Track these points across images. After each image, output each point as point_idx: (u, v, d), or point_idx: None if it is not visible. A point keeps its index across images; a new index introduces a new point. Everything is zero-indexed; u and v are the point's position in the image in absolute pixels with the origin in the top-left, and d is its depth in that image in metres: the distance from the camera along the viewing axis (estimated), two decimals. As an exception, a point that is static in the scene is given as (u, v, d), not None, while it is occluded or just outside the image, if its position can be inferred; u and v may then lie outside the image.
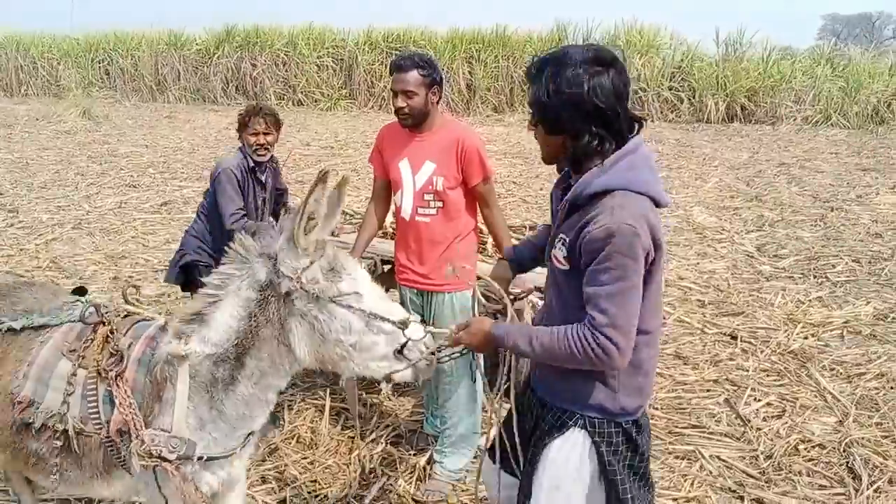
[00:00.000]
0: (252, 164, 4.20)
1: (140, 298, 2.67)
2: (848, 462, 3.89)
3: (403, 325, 2.22)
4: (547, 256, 2.25)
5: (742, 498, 3.60)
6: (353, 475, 3.73)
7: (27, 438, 2.39)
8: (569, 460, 2.17)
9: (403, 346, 2.25)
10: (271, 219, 4.45)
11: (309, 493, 3.58)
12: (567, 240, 2.07)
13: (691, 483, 3.70)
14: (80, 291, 2.75)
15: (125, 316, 2.52)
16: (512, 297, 2.64)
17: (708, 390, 4.67)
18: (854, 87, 17.26)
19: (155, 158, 12.15)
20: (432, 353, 2.30)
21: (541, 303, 3.67)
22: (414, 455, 3.91)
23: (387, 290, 3.22)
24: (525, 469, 2.29)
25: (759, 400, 4.55)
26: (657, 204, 2.04)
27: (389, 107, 18.70)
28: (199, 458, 2.28)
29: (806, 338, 5.49)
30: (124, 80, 21.33)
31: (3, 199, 9.21)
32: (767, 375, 4.90)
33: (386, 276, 4.28)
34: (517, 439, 2.34)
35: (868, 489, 3.64)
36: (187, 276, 4.29)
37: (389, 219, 4.61)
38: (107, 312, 2.47)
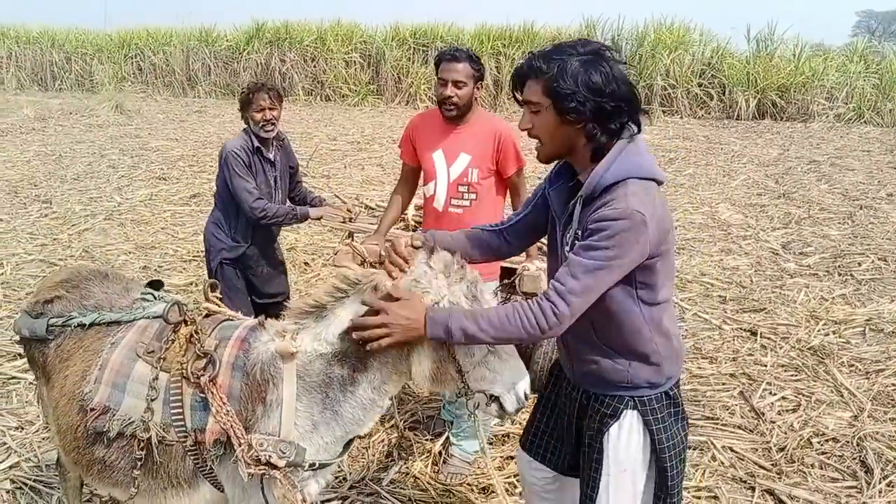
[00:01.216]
0: (257, 145, 4.14)
1: (220, 295, 2.59)
2: (861, 456, 3.90)
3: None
4: (561, 258, 2.26)
5: (753, 489, 3.63)
6: (371, 458, 3.82)
7: (97, 446, 2.28)
8: (630, 443, 2.26)
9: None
10: (289, 202, 4.51)
11: (327, 475, 3.67)
12: (581, 234, 2.10)
13: (703, 473, 3.73)
14: (156, 284, 2.65)
15: (206, 315, 2.40)
16: None
17: (724, 384, 4.69)
18: (888, 85, 16.99)
19: (185, 152, 12.35)
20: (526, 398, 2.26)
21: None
22: (430, 440, 3.99)
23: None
24: (584, 462, 2.36)
25: (775, 394, 4.56)
26: (658, 182, 2.12)
27: (416, 102, 19.01)
28: (312, 466, 2.18)
29: (827, 335, 5.47)
30: (156, 76, 21.65)
31: (37, 191, 9.45)
32: (785, 370, 4.90)
33: None
34: (547, 429, 2.55)
35: (880, 482, 3.65)
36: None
37: (411, 211, 4.71)
38: (189, 311, 2.34)
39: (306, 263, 6.95)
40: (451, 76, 3.40)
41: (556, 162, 2.30)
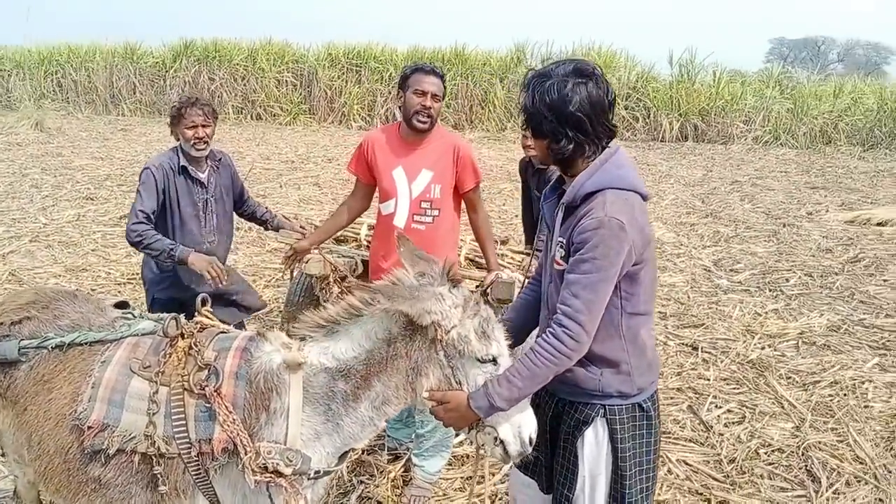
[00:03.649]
0: (183, 163, 3.88)
1: (211, 309, 2.59)
2: (807, 465, 4.04)
3: None
4: (547, 265, 2.37)
5: (709, 500, 3.71)
6: (331, 483, 3.74)
7: (91, 465, 2.23)
8: (601, 450, 2.33)
9: None
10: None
11: (284, 502, 3.57)
12: (563, 241, 2.21)
13: (661, 486, 3.79)
14: (122, 305, 2.59)
15: (201, 329, 2.41)
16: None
17: (672, 398, 4.80)
18: (801, 109, 17.90)
19: (112, 171, 11.97)
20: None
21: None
22: (390, 462, 3.94)
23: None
24: (560, 463, 2.41)
25: (720, 407, 4.69)
26: (643, 198, 2.21)
27: (349, 122, 18.96)
28: (317, 473, 2.21)
29: (763, 348, 5.67)
30: (77, 93, 20.98)
31: (-45, 211, 8.98)
32: (727, 384, 5.06)
33: (362, 276, 4.35)
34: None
35: (827, 491, 3.79)
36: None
37: (364, 231, 4.68)
38: (185, 325, 2.35)
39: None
40: (429, 88, 3.39)
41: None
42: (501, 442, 2.23)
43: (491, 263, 3.75)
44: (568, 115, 2.13)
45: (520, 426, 2.22)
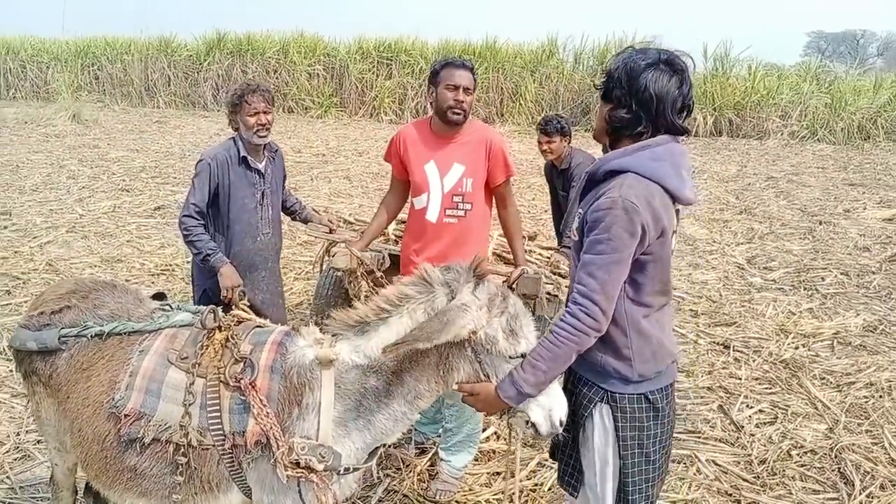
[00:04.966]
0: (243, 153, 3.82)
1: (248, 303, 2.63)
2: (840, 467, 3.97)
3: None
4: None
5: (739, 501, 3.67)
6: (359, 480, 3.76)
7: (128, 454, 2.26)
8: (608, 437, 2.34)
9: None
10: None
11: (312, 494, 3.59)
12: (582, 213, 2.25)
13: (689, 486, 3.77)
14: (160, 296, 2.65)
15: (238, 322, 2.46)
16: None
17: (702, 397, 4.75)
18: (839, 104, 17.52)
19: (147, 163, 12.12)
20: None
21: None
22: (416, 456, 3.95)
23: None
24: (572, 446, 2.46)
25: (752, 407, 4.63)
26: (675, 198, 2.21)
27: (380, 115, 18.99)
28: (346, 470, 2.23)
29: (797, 348, 5.58)
30: (113, 85, 21.28)
31: (-5, 202, 9.17)
32: (759, 383, 4.99)
33: (390, 270, 4.36)
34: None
35: (860, 494, 3.72)
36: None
37: (392, 226, 4.69)
38: (222, 318, 2.39)
39: (278, 277, 6.85)
40: (462, 82, 3.39)
41: None
42: (533, 424, 2.25)
43: (518, 259, 3.73)
44: (639, 89, 2.16)
45: (550, 409, 2.24)
